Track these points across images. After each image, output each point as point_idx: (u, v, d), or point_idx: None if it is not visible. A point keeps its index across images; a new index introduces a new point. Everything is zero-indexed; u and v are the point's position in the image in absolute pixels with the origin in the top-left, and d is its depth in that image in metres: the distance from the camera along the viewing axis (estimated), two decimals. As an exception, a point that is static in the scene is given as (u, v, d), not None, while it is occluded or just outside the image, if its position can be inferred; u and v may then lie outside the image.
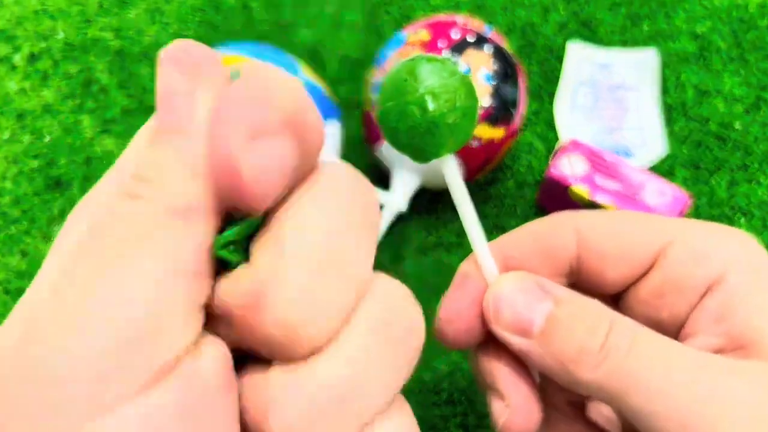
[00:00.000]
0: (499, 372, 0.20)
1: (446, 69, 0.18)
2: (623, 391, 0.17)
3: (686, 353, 0.17)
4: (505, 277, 0.20)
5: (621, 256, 0.19)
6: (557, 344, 0.18)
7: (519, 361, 0.20)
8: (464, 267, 0.21)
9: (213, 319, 0.13)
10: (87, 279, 0.12)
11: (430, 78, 0.17)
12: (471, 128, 0.18)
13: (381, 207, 0.39)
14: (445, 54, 0.32)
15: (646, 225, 0.20)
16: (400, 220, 0.38)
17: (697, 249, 0.19)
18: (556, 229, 0.20)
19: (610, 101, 0.43)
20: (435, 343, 0.36)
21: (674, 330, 0.20)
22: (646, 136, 0.41)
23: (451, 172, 0.20)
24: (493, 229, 0.38)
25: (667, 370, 0.17)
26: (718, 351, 0.18)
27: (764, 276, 0.18)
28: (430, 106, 0.17)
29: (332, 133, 0.34)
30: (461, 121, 0.18)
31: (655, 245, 0.19)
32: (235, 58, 0.32)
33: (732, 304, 0.18)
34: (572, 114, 0.42)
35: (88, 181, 0.39)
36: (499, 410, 0.20)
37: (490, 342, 0.20)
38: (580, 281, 0.21)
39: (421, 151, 0.18)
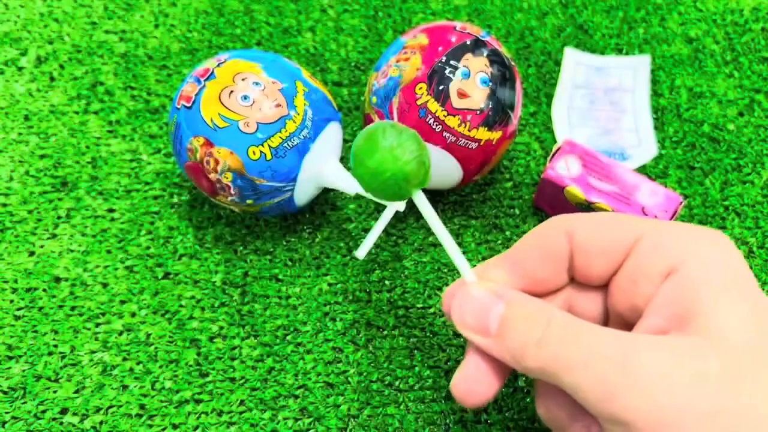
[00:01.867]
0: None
1: (397, 132, 0.24)
2: (558, 372, 0.20)
3: (608, 336, 0.20)
4: (469, 287, 0.24)
5: (601, 251, 0.22)
6: (507, 341, 0.22)
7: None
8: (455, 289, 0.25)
9: None
10: None
11: (387, 145, 0.24)
12: (428, 170, 0.25)
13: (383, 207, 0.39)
14: (444, 58, 0.33)
15: (622, 224, 0.22)
16: (400, 220, 0.39)
17: (661, 242, 0.21)
18: (550, 234, 0.23)
19: (605, 103, 0.43)
20: (433, 339, 0.36)
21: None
22: (641, 138, 0.42)
23: (420, 202, 0.25)
24: (492, 228, 0.38)
25: (589, 351, 0.20)
26: (661, 331, 0.21)
27: (720, 267, 0.20)
28: (393, 166, 0.24)
29: (334, 135, 0.35)
30: (419, 169, 0.24)
31: (629, 241, 0.22)
32: (242, 63, 0.33)
33: (682, 289, 0.20)
34: (569, 116, 0.43)
35: (94, 181, 0.40)
36: None
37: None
38: (577, 277, 0.24)
39: (396, 197, 0.25)
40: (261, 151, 0.31)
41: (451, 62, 0.33)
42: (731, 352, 0.19)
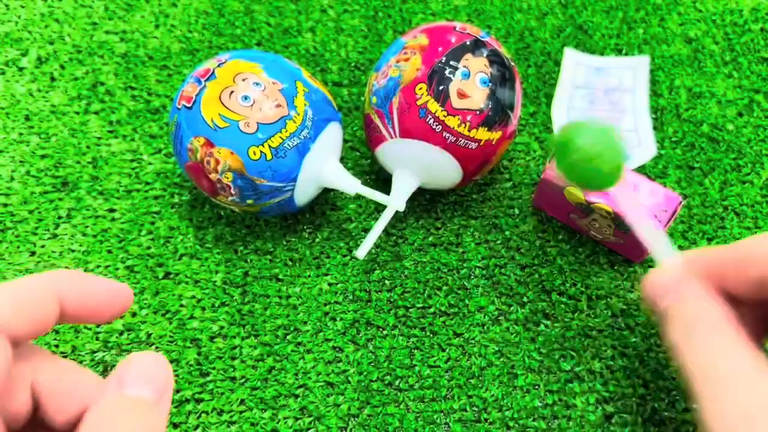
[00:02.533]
0: None
1: (596, 131, 0.28)
2: (687, 376, 0.24)
3: (726, 369, 0.23)
4: (664, 267, 0.28)
5: None
6: (666, 327, 0.26)
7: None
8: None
9: None
10: None
11: (593, 146, 0.28)
12: (622, 165, 0.28)
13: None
14: (444, 58, 0.33)
15: None
16: (400, 220, 0.39)
17: None
18: (751, 260, 0.25)
19: (605, 104, 0.44)
20: (433, 339, 0.36)
21: None
22: (641, 138, 0.42)
23: (617, 192, 0.29)
24: (492, 228, 0.38)
25: (707, 378, 0.23)
26: None
27: None
28: (601, 167, 0.28)
29: (334, 135, 0.35)
30: (617, 169, 0.28)
31: None
32: (242, 64, 0.33)
33: None
34: (569, 116, 0.43)
35: (94, 181, 0.40)
36: None
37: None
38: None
39: (599, 188, 0.29)
40: (261, 151, 0.31)
41: (451, 62, 0.33)
42: None
